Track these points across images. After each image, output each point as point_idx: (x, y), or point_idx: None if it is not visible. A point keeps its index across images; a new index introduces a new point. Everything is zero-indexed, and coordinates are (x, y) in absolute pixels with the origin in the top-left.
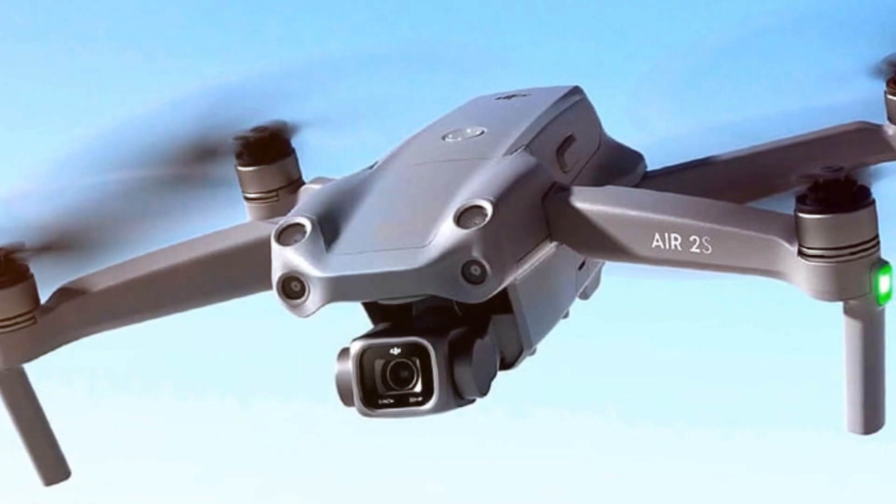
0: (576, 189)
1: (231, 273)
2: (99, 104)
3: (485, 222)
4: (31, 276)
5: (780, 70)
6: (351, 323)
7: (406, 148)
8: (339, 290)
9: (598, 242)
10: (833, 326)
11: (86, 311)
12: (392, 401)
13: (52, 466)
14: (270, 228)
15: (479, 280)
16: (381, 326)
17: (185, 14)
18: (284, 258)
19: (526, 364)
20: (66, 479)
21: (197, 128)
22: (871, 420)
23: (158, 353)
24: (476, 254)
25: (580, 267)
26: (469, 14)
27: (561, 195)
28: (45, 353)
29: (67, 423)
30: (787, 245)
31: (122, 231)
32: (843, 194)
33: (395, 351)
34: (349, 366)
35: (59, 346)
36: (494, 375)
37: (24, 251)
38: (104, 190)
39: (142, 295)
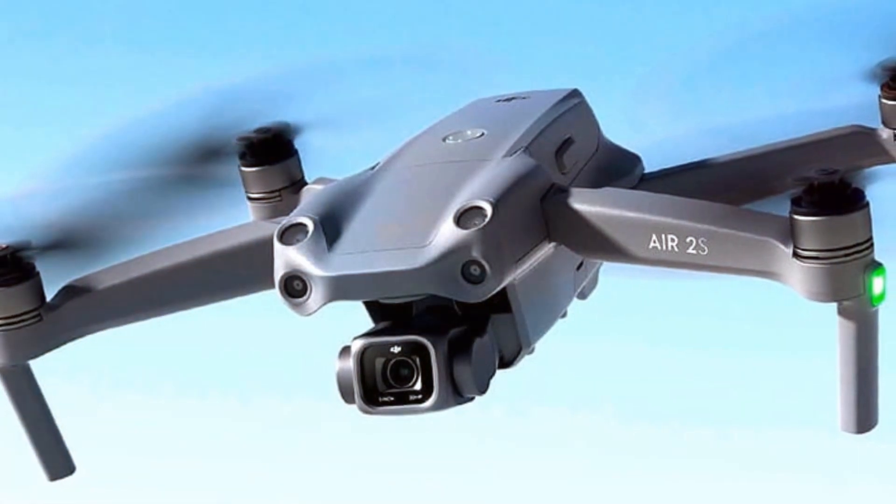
0: (574, 190)
1: (234, 272)
2: (104, 105)
3: (484, 223)
4: (37, 274)
5: (776, 74)
6: (352, 321)
7: (407, 149)
8: (341, 289)
9: (596, 243)
10: (827, 327)
11: (91, 309)
12: (392, 398)
13: (57, 462)
14: (273, 228)
15: (478, 280)
16: (382, 325)
17: (189, 15)
18: (287, 257)
19: (524, 363)
20: (71, 474)
21: (201, 128)
22: (865, 420)
23: (161, 350)
24: (476, 254)
25: (578, 267)
26: (469, 17)
27: (559, 196)
28: (50, 350)
29: (72, 420)
30: (782, 247)
31: (127, 230)
32: (837, 197)
33: (396, 349)
34: (350, 364)
35: (64, 343)
36: (493, 374)
37: (30, 249)
38: (109, 189)
39: (146, 293)
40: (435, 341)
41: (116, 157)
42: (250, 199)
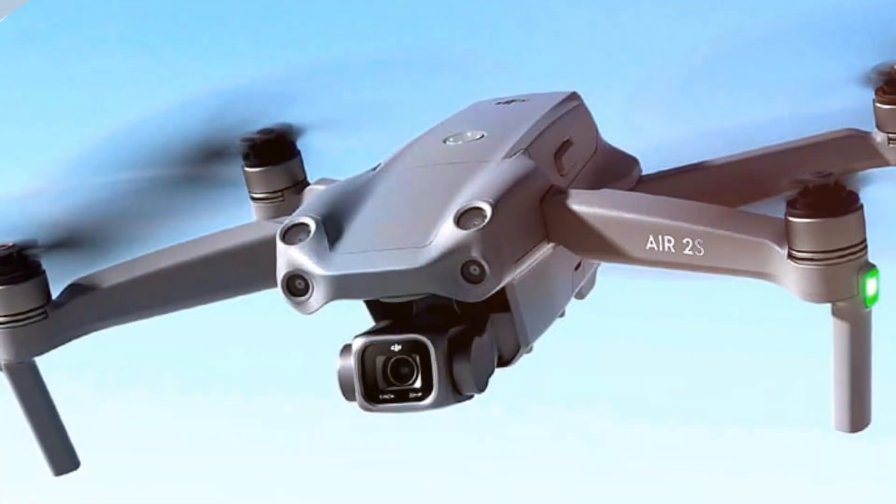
0: (573, 192)
1: (237, 271)
2: (109, 105)
3: (484, 223)
4: (43, 272)
5: (772, 78)
6: (353, 320)
7: (408, 150)
8: (342, 288)
9: (594, 244)
10: (821, 327)
11: (96, 307)
12: (392, 396)
13: (62, 457)
14: (276, 228)
15: (478, 279)
16: (383, 324)
17: (193, 17)
18: (289, 256)
19: (523, 361)
20: (75, 469)
21: (205, 129)
22: (858, 419)
23: (165, 348)
24: (475, 254)
25: (576, 267)
26: (470, 21)
27: (558, 198)
28: (55, 347)
29: (77, 416)
30: (777, 248)
31: (132, 229)
32: (832, 199)
33: (396, 348)
34: (351, 362)
35: (70, 340)
36: (492, 372)
37: (37, 248)
38: (114, 189)
39: (150, 291)
40: (435, 340)
41: (121, 158)
42: (253, 199)
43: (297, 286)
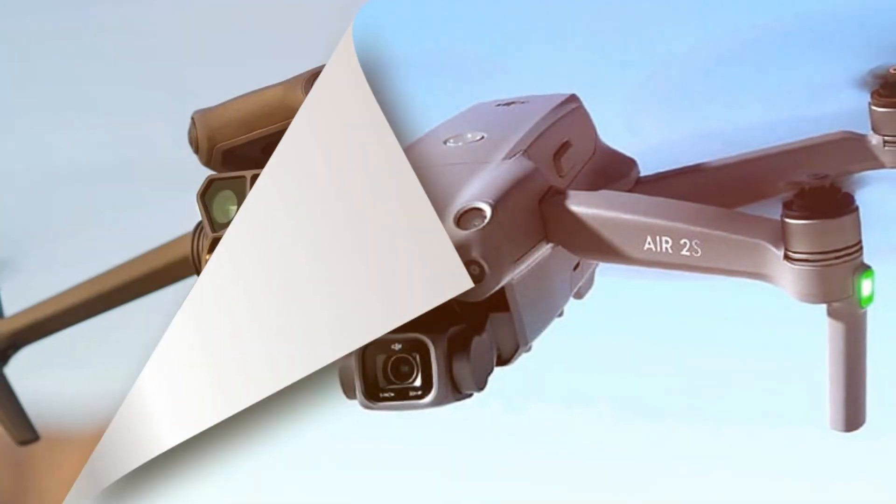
0: (571, 193)
1: None
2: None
3: (484, 224)
4: None
5: (769, 80)
6: None
7: (409, 151)
8: None
9: (593, 244)
10: (817, 328)
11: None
12: (392, 394)
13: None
14: None
15: (477, 279)
16: None
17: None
18: None
19: (522, 360)
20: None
21: None
22: (853, 418)
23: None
24: (475, 254)
25: (575, 268)
26: (470, 22)
27: (557, 199)
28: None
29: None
30: (773, 249)
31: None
32: (828, 201)
33: (397, 346)
34: (352, 360)
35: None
36: (491, 371)
37: None
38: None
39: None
40: (435, 339)
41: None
42: None
43: None
